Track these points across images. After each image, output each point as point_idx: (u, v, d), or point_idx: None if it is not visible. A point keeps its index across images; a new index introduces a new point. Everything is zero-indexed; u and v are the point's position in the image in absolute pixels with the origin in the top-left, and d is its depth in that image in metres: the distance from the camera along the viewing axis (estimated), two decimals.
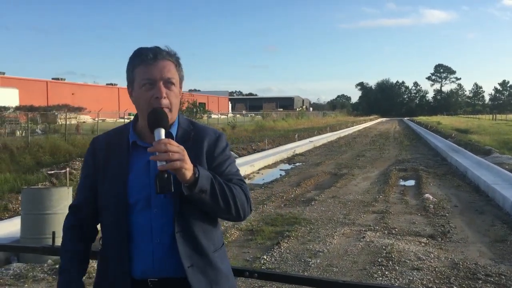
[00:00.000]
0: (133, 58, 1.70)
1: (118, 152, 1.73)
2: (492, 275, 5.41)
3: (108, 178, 1.71)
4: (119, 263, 1.67)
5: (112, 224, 1.69)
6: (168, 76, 1.66)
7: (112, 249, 1.69)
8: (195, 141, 1.74)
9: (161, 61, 1.66)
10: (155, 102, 1.63)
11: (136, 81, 1.68)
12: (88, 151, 1.81)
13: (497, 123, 57.43)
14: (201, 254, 1.69)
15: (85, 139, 20.15)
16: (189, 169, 1.52)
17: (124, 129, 1.80)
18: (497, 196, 9.76)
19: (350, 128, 46.65)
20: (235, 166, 1.82)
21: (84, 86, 67.21)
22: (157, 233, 1.65)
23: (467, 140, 25.32)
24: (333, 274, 5.49)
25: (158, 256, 1.65)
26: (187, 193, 1.55)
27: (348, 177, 13.42)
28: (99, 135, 1.88)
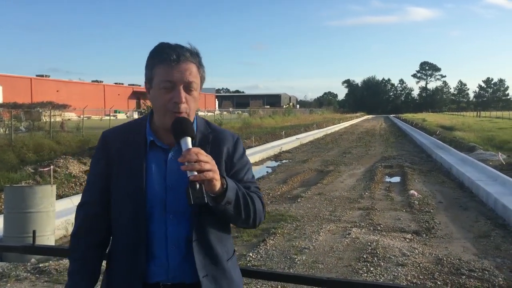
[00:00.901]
0: (155, 56, 1.61)
1: (135, 151, 1.65)
2: (476, 270, 5.47)
3: (124, 179, 1.63)
4: (132, 266, 1.61)
5: (128, 227, 1.62)
6: (189, 79, 1.58)
7: (126, 252, 1.63)
8: (214, 146, 1.68)
9: (184, 63, 1.58)
10: (173, 106, 1.56)
11: (155, 81, 1.60)
12: (100, 146, 1.70)
13: (481, 120, 58.13)
14: (216, 263, 1.64)
15: (70, 137, 19.97)
16: (218, 180, 1.47)
17: (139, 125, 1.71)
18: (481, 192, 9.87)
19: (337, 125, 46.85)
20: (252, 172, 1.78)
21: (69, 83, 66.50)
22: (172, 240, 1.60)
23: (451, 137, 25.58)
24: (319, 270, 5.51)
25: (173, 262, 1.60)
26: (212, 204, 1.49)
27: (334, 174, 13.47)
28: (110, 129, 1.78)
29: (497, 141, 22.65)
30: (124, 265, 1.63)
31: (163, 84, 1.57)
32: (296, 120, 52.98)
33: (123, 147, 1.66)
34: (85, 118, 32.30)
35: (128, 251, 1.62)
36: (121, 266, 1.64)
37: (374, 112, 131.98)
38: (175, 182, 1.57)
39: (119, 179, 1.63)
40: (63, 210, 7.65)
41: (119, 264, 1.66)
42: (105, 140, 1.70)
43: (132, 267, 1.61)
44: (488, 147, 20.01)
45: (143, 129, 1.68)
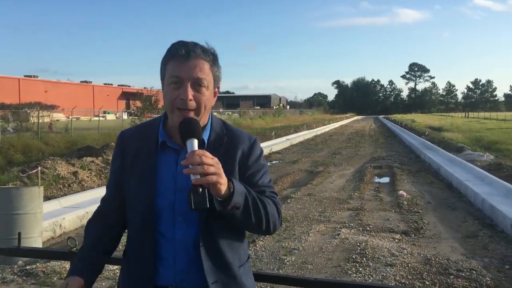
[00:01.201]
0: (167, 53, 1.59)
1: (146, 150, 1.63)
2: (464, 270, 5.50)
3: (135, 178, 1.62)
4: (143, 267, 1.59)
5: (137, 227, 1.62)
6: (198, 76, 1.54)
7: (137, 252, 1.62)
8: (228, 148, 1.63)
9: (194, 60, 1.54)
10: (180, 103, 1.53)
11: (166, 78, 1.58)
12: (117, 145, 1.72)
13: (470, 121, 58.68)
14: (226, 269, 1.60)
15: (58, 137, 19.82)
16: (224, 184, 1.41)
17: (153, 125, 1.69)
18: (469, 192, 9.96)
19: (327, 126, 47.00)
20: (269, 175, 1.71)
21: (57, 83, 66.08)
22: (180, 243, 1.57)
23: (440, 137, 25.77)
24: (308, 271, 5.51)
25: (181, 266, 1.57)
26: (219, 209, 1.45)
27: (324, 175, 13.50)
28: (127, 129, 1.79)
29: (485, 141, 22.88)
30: (136, 266, 1.62)
31: (171, 79, 1.55)
32: (286, 121, 53.05)
33: (137, 146, 1.66)
34: (74, 119, 32.12)
35: (139, 252, 1.61)
36: (133, 266, 1.63)
37: (364, 113, 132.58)
38: (185, 184, 1.51)
39: (130, 179, 1.63)
40: (51, 212, 7.58)
41: (130, 265, 1.65)
42: (122, 138, 1.72)
43: (143, 269, 1.60)
44: (476, 147, 20.20)
45: (156, 129, 1.66)
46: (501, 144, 20.85)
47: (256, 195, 1.55)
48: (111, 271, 5.34)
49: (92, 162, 12.18)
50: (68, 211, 7.71)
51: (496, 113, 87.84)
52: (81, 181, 10.65)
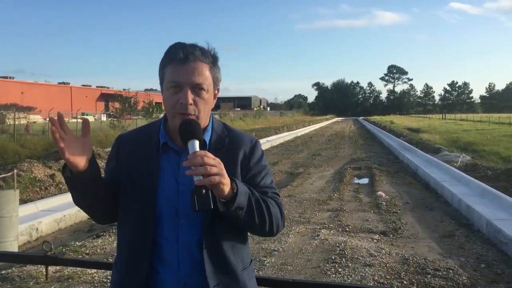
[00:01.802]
0: (165, 56, 1.56)
1: (147, 152, 1.61)
2: (440, 269, 5.58)
3: (135, 180, 1.58)
4: (137, 272, 1.56)
5: (136, 232, 1.57)
6: (197, 81, 1.52)
7: (133, 258, 1.58)
8: (230, 149, 1.63)
9: (192, 63, 1.52)
10: (180, 108, 1.51)
11: (164, 82, 1.56)
12: (113, 147, 1.70)
13: (447, 122, 59.71)
14: (229, 272, 1.57)
15: (35, 140, 19.49)
16: (227, 184, 1.40)
17: (153, 128, 1.68)
18: (446, 192, 10.12)
19: (307, 128, 47.22)
20: (270, 176, 1.71)
21: (34, 85, 65.06)
22: (184, 245, 1.54)
23: (418, 139, 26.14)
24: (288, 272, 5.53)
25: (184, 268, 1.54)
26: (223, 210, 1.44)
27: (304, 176, 13.57)
28: (125, 132, 1.77)
29: (462, 142, 23.29)
30: (127, 272, 1.58)
31: (170, 84, 1.53)
32: (266, 123, 53.19)
33: (135, 148, 1.64)
34: None
35: (134, 257, 1.57)
36: (124, 274, 1.59)
37: (344, 115, 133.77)
38: (188, 186, 1.50)
39: (128, 181, 1.59)
40: (28, 215, 7.45)
41: (123, 269, 1.61)
42: (119, 141, 1.70)
43: (134, 275, 1.56)
44: (453, 148, 20.56)
45: (156, 131, 1.65)
46: (477, 145, 21.24)
47: (260, 196, 1.55)
48: (89, 275, 5.28)
49: None
50: (45, 215, 7.59)
51: (472, 115, 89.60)
52: (59, 184, 10.50)
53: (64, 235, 7.25)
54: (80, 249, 6.33)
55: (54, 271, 5.39)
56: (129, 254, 1.59)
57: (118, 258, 1.66)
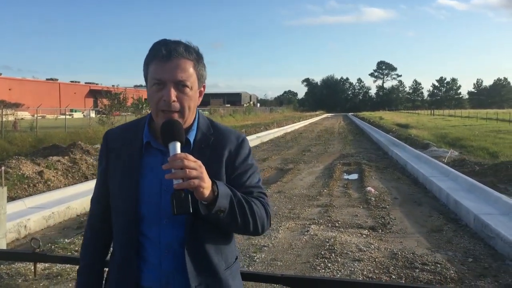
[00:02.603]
0: (149, 53, 1.55)
1: (131, 151, 1.60)
2: (428, 263, 5.64)
3: (118, 179, 1.59)
4: (127, 271, 1.57)
5: (122, 230, 1.59)
6: (180, 78, 1.50)
7: (121, 256, 1.60)
8: (215, 148, 1.60)
9: (176, 60, 1.50)
10: (163, 105, 1.50)
11: (148, 78, 1.55)
12: (102, 145, 1.70)
13: (435, 118, 60.19)
14: (211, 272, 1.57)
15: (23, 136, 19.30)
16: (207, 188, 1.39)
17: (138, 126, 1.66)
18: (434, 188, 10.21)
19: (297, 124, 47.29)
20: (257, 175, 1.68)
21: (22, 81, 64.39)
22: (166, 245, 1.54)
23: (407, 134, 26.28)
24: (277, 268, 5.55)
25: (166, 269, 1.54)
26: (204, 213, 1.43)
27: (294, 172, 13.60)
28: (113, 128, 1.75)
29: (450, 138, 23.49)
30: (120, 270, 1.60)
31: (153, 81, 1.52)
32: (256, 119, 53.16)
33: (121, 146, 1.63)
34: (39, 117, 31.35)
35: (123, 256, 1.59)
36: (117, 271, 1.61)
37: (333, 111, 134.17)
38: (171, 186, 1.46)
39: (113, 180, 1.60)
40: (16, 213, 7.38)
41: (115, 270, 1.62)
42: (106, 138, 1.70)
43: (127, 272, 1.57)
44: (442, 144, 20.73)
45: (141, 129, 1.63)
46: (465, 141, 21.44)
47: (242, 196, 1.53)
48: None
49: (58, 162, 11.92)
50: (33, 212, 7.53)
51: (460, 111, 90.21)
52: (47, 181, 10.42)
53: (53, 232, 7.20)
54: (69, 246, 6.30)
55: (43, 268, 5.36)
56: (119, 254, 1.62)
57: (111, 257, 1.68)
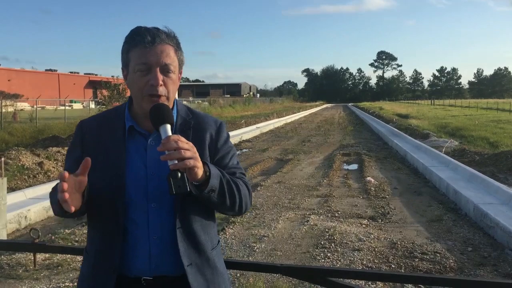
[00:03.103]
0: (129, 39, 1.56)
1: (114, 137, 1.59)
2: (428, 253, 5.66)
3: (101, 166, 1.55)
4: (108, 259, 1.56)
5: (106, 218, 1.56)
6: (166, 61, 1.54)
7: (103, 244, 1.58)
8: (196, 131, 1.65)
9: (160, 45, 1.53)
10: (150, 89, 1.52)
11: (131, 64, 1.55)
12: (77, 134, 1.66)
13: (435, 108, 60.07)
14: (200, 252, 1.61)
15: (23, 127, 19.30)
16: (200, 168, 1.43)
17: (117, 113, 1.66)
18: (434, 177, 10.21)
19: (297, 114, 47.24)
20: (236, 157, 1.75)
21: (21, 72, 64.23)
22: (155, 229, 1.55)
23: (407, 124, 26.27)
24: (277, 258, 5.57)
25: (156, 253, 1.55)
26: (196, 193, 1.47)
27: (293, 162, 13.60)
28: (87, 118, 1.73)
29: (450, 128, 23.46)
30: (99, 258, 1.58)
31: (139, 66, 1.53)
32: (256, 109, 53.11)
33: (100, 133, 1.62)
34: (39, 108, 31.32)
35: (105, 242, 1.57)
36: (96, 259, 1.59)
37: (333, 101, 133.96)
38: (156, 170, 1.53)
39: (96, 167, 1.52)
40: (16, 203, 7.40)
41: (94, 259, 1.60)
42: (81, 127, 1.67)
43: (108, 260, 1.56)
44: (442, 134, 20.71)
45: (121, 116, 1.64)
46: (465, 131, 21.42)
47: (230, 177, 1.59)
48: (78, 262, 5.27)
49: (58, 152, 11.93)
50: (34, 203, 7.54)
51: (460, 100, 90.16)
52: (47, 171, 10.43)
53: (53, 222, 7.22)
54: (69, 236, 6.31)
55: (43, 258, 5.38)
56: (101, 242, 1.59)
57: (89, 248, 1.66)
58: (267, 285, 4.62)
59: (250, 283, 4.62)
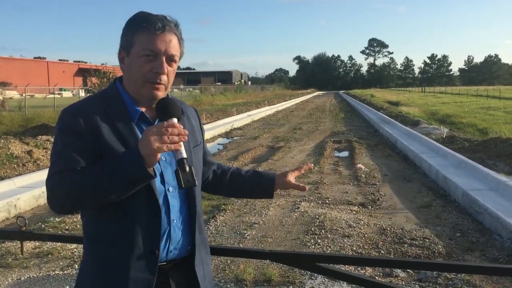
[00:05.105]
0: (137, 23, 1.53)
1: (125, 124, 1.53)
2: (417, 238, 5.71)
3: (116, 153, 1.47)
4: (147, 243, 1.52)
5: (137, 204, 1.50)
6: (172, 52, 1.54)
7: (136, 230, 1.51)
8: (188, 118, 1.74)
9: (169, 34, 1.53)
10: (154, 76, 1.51)
11: (134, 48, 1.52)
12: (75, 123, 1.48)
13: (426, 95, 60.29)
14: (201, 232, 1.70)
15: (12, 116, 19.10)
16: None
17: (112, 97, 1.58)
18: (424, 164, 10.28)
19: (288, 102, 47.19)
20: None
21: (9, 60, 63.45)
22: (174, 212, 1.58)
23: (397, 112, 26.37)
24: (268, 244, 5.59)
25: (175, 236, 1.59)
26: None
27: (284, 150, 13.61)
28: (76, 105, 1.57)
29: (440, 115, 23.60)
30: (132, 244, 1.51)
31: (145, 52, 1.50)
32: (247, 97, 52.97)
33: (108, 119, 1.52)
34: (28, 97, 31.01)
35: (135, 228, 1.51)
36: (129, 245, 1.52)
37: (325, 89, 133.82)
38: (167, 155, 1.56)
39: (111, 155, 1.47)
40: (5, 192, 7.35)
41: (123, 244, 1.52)
42: (77, 115, 1.50)
43: (147, 245, 1.52)
44: (432, 121, 20.83)
45: (121, 101, 1.57)
46: (455, 118, 21.55)
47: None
48: (68, 250, 5.26)
49: (47, 141, 11.82)
50: (23, 191, 7.49)
51: (451, 88, 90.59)
52: (36, 160, 10.34)
53: (43, 211, 7.18)
54: (59, 225, 6.29)
55: (33, 247, 5.36)
56: (130, 229, 1.52)
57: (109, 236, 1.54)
58: (257, 272, 4.64)
59: (241, 270, 4.64)
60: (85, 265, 1.61)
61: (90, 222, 1.59)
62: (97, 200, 1.43)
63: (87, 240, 1.61)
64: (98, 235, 1.57)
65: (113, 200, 1.44)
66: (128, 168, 1.37)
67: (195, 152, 1.70)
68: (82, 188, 1.40)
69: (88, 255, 1.61)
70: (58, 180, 1.44)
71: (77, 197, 1.42)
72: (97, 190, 1.40)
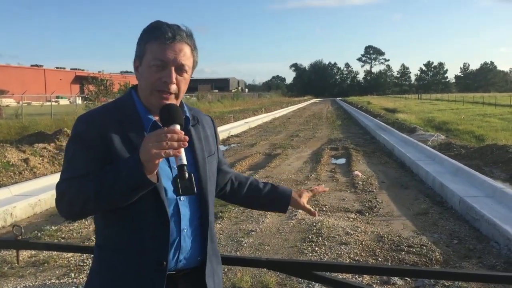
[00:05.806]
0: (149, 32, 1.55)
1: (137, 133, 1.53)
2: (414, 246, 5.70)
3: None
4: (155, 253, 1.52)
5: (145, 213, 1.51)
6: (182, 62, 1.54)
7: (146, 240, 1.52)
8: (203, 126, 1.74)
9: (179, 44, 1.53)
10: (162, 85, 1.51)
11: (146, 57, 1.53)
12: (88, 130, 1.51)
13: (422, 102, 60.51)
14: (213, 242, 1.70)
15: (8, 123, 19.04)
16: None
17: (125, 106, 1.59)
18: (421, 171, 10.29)
19: (285, 109, 47.24)
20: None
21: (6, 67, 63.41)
22: (185, 219, 1.58)
23: (394, 119, 26.42)
24: (265, 252, 5.57)
25: (185, 245, 1.58)
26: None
27: (282, 157, 13.61)
28: (91, 113, 1.59)
29: (437, 122, 23.67)
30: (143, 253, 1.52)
31: (154, 62, 1.51)
32: (244, 104, 53.02)
33: (121, 129, 1.53)
34: (25, 104, 30.97)
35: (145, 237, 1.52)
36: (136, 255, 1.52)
37: (321, 96, 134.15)
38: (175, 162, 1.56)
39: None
40: (1, 200, 7.32)
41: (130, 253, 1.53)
42: (92, 122, 1.53)
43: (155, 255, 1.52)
44: (428, 128, 20.89)
45: (134, 109, 1.58)
46: (451, 124, 21.61)
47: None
48: (65, 259, 5.23)
49: (44, 149, 11.80)
50: (20, 199, 7.46)
51: (447, 95, 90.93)
52: (33, 168, 10.32)
53: (39, 219, 7.15)
54: (56, 233, 6.26)
55: (29, 255, 5.34)
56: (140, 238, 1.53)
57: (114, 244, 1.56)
58: (254, 280, 4.63)
59: (238, 278, 4.63)
60: (94, 274, 1.63)
61: (101, 230, 1.62)
62: (100, 206, 1.45)
63: (98, 248, 1.63)
64: (107, 243, 1.59)
65: (117, 206, 1.46)
66: (128, 174, 1.38)
67: (209, 161, 1.70)
68: (86, 194, 1.42)
69: (97, 263, 1.62)
70: (66, 186, 1.47)
71: (81, 202, 1.43)
72: (100, 196, 1.41)
